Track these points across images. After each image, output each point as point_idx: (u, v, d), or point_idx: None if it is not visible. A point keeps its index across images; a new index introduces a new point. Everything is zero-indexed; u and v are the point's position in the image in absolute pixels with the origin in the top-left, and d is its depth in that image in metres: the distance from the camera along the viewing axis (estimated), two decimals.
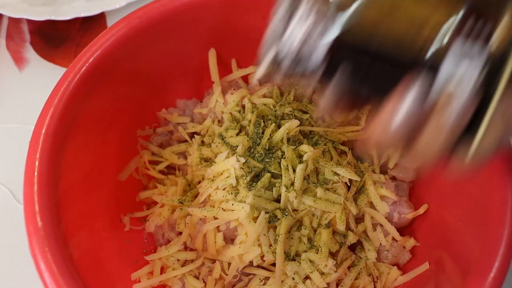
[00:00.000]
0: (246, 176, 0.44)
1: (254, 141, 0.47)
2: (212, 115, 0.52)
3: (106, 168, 0.49)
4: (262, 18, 0.51)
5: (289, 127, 0.46)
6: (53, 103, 0.43)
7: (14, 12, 0.60)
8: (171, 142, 0.53)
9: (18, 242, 0.52)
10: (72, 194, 0.44)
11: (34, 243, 0.39)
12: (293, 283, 0.44)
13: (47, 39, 0.64)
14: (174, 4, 0.48)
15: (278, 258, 0.43)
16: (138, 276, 0.47)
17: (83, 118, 0.46)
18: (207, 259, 0.47)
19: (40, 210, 0.40)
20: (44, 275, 0.38)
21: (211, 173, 0.46)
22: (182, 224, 0.48)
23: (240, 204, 0.43)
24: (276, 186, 0.44)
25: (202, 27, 0.51)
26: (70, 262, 0.40)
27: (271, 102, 0.50)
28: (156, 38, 0.49)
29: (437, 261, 0.45)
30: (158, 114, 0.54)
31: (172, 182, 0.51)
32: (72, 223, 0.43)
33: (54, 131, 0.42)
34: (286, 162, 0.45)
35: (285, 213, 0.44)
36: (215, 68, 0.53)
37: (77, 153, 0.45)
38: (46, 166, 0.41)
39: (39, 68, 0.62)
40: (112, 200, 0.49)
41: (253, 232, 0.43)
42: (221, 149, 0.47)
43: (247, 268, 0.45)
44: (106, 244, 0.47)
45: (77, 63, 0.45)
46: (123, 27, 0.47)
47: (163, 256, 0.47)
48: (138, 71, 0.50)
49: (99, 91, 0.47)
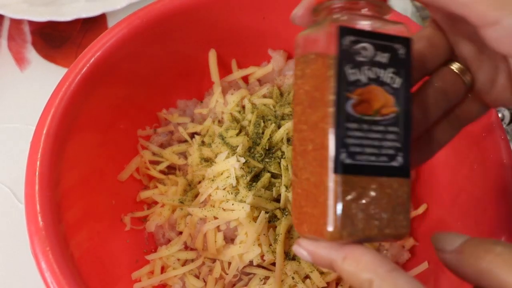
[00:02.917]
0: (246, 176, 0.44)
1: (254, 141, 0.47)
2: (212, 115, 0.52)
3: (107, 168, 0.49)
4: (262, 18, 0.52)
5: (289, 127, 0.46)
6: (54, 103, 0.43)
7: (15, 13, 0.60)
8: (172, 142, 0.54)
9: (20, 242, 0.52)
10: (73, 194, 0.44)
11: (35, 243, 0.39)
12: (293, 282, 0.44)
13: (48, 40, 0.64)
14: (174, 5, 0.48)
15: (278, 257, 0.43)
16: (138, 276, 0.47)
17: (84, 118, 0.46)
18: (208, 258, 0.47)
19: (41, 210, 0.40)
20: (45, 274, 0.38)
21: (211, 173, 0.46)
22: (182, 224, 0.48)
23: (240, 204, 0.44)
24: (276, 186, 0.45)
25: (203, 28, 0.51)
26: (71, 261, 0.40)
27: (271, 102, 0.50)
28: (157, 38, 0.49)
29: (437, 260, 0.45)
30: (159, 114, 0.54)
31: (173, 182, 0.51)
32: (73, 223, 0.43)
33: (55, 131, 0.43)
34: (286, 162, 0.45)
35: (285, 213, 0.44)
36: (215, 69, 0.53)
37: (78, 153, 0.46)
38: (47, 166, 0.42)
39: (40, 69, 0.62)
40: (113, 200, 0.49)
41: (253, 231, 0.43)
42: (221, 149, 0.47)
43: (247, 267, 0.45)
44: (107, 244, 0.47)
45: (78, 63, 0.45)
46: (123, 28, 0.47)
47: (164, 256, 0.48)
48: (138, 71, 0.50)
49: (100, 91, 0.47)
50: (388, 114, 0.28)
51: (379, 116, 0.27)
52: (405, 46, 0.28)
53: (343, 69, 0.27)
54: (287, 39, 0.53)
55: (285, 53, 0.54)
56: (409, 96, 0.28)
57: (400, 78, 0.28)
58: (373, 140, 0.27)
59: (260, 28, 0.52)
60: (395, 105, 0.28)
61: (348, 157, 0.27)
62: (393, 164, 0.28)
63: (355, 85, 0.27)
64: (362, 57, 0.27)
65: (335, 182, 0.27)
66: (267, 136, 0.47)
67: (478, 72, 0.31)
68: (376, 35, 0.28)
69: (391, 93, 0.28)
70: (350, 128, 0.27)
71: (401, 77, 0.28)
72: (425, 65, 0.31)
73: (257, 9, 0.51)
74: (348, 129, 0.27)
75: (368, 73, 0.27)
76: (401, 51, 0.28)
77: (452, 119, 0.32)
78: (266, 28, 0.52)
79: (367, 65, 0.27)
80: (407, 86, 0.28)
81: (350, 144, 0.27)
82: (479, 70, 0.31)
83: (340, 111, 0.27)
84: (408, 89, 0.28)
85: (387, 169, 0.27)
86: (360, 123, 0.27)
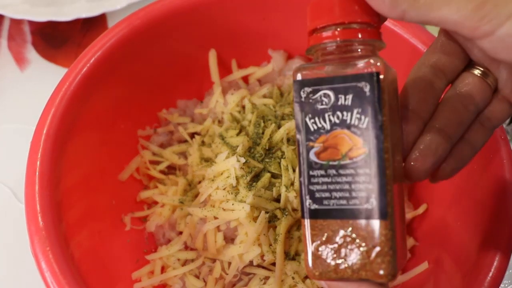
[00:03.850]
0: (246, 176, 0.44)
1: (254, 141, 0.47)
2: (212, 115, 0.52)
3: (107, 168, 0.49)
4: (262, 19, 0.52)
5: (289, 128, 0.46)
6: (54, 103, 0.43)
7: (15, 13, 0.60)
8: (172, 142, 0.54)
9: (20, 242, 0.52)
10: (73, 194, 0.44)
11: (35, 243, 0.39)
12: (293, 282, 0.44)
13: (48, 40, 0.64)
14: (174, 5, 0.48)
15: (278, 257, 0.43)
16: (139, 275, 0.47)
17: (84, 118, 0.46)
18: (208, 258, 0.47)
19: (42, 210, 0.40)
20: (45, 274, 0.38)
21: (212, 173, 0.46)
22: (182, 224, 0.48)
23: (240, 204, 0.44)
24: (276, 186, 0.45)
25: (203, 28, 0.51)
26: (71, 261, 0.40)
27: (271, 102, 0.50)
28: (157, 38, 0.49)
29: (436, 260, 0.45)
30: (159, 114, 0.54)
31: (173, 182, 0.51)
32: (73, 223, 0.43)
33: (55, 131, 0.43)
34: (286, 162, 0.45)
35: (285, 213, 0.44)
36: (215, 69, 0.53)
37: (78, 153, 0.46)
38: (47, 166, 0.42)
39: (40, 69, 0.62)
40: (113, 200, 0.49)
41: (253, 231, 0.43)
42: (221, 149, 0.47)
43: (247, 267, 0.45)
44: (107, 244, 0.47)
45: (78, 63, 0.45)
46: (124, 28, 0.47)
47: (164, 256, 0.48)
48: (139, 71, 0.50)
49: (100, 91, 0.47)
50: (357, 156, 0.27)
51: (348, 159, 0.27)
52: (370, 82, 0.27)
53: (304, 119, 0.28)
54: (287, 39, 0.53)
55: (285, 53, 0.54)
56: (380, 133, 0.27)
57: (368, 117, 0.27)
58: (342, 184, 0.28)
59: (260, 28, 0.52)
60: (364, 146, 0.27)
61: (314, 202, 0.28)
62: (366, 207, 0.27)
63: (317, 133, 0.28)
64: (323, 104, 0.28)
65: (304, 226, 0.28)
66: (267, 136, 0.47)
67: (497, 73, 0.31)
68: (336, 79, 0.28)
69: (359, 134, 0.27)
70: (314, 175, 0.28)
71: (368, 116, 0.27)
72: (444, 74, 0.32)
73: (257, 9, 0.51)
74: (312, 177, 0.28)
75: (331, 119, 0.28)
76: (366, 88, 0.27)
77: (484, 121, 0.32)
78: (266, 28, 0.52)
79: (329, 111, 0.28)
80: (376, 123, 0.27)
81: (315, 190, 0.28)
82: (498, 70, 0.31)
83: (303, 160, 0.28)
84: (378, 125, 0.27)
85: (360, 212, 0.27)
86: (326, 169, 0.28)
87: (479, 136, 0.32)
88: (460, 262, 0.42)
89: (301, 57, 0.54)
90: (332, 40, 0.28)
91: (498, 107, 0.32)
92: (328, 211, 0.28)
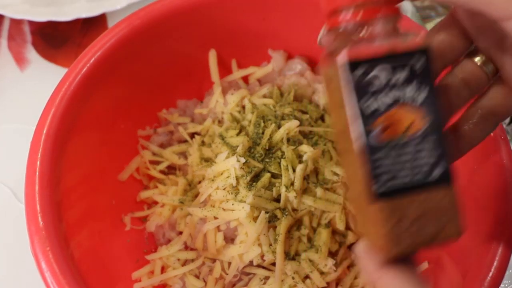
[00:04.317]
0: (246, 176, 0.44)
1: (254, 141, 0.47)
2: (212, 115, 0.52)
3: (107, 168, 0.49)
4: (262, 19, 0.52)
5: (289, 128, 0.46)
6: (54, 103, 0.43)
7: (15, 13, 0.60)
8: (172, 142, 0.54)
9: (20, 242, 0.52)
10: (73, 194, 0.44)
11: (35, 243, 0.39)
12: (293, 282, 0.44)
13: (48, 40, 0.64)
14: (174, 5, 0.48)
15: (278, 257, 0.43)
16: (139, 276, 0.47)
17: (84, 118, 0.46)
18: (208, 258, 0.47)
19: (42, 210, 0.40)
20: (45, 274, 0.38)
21: (212, 173, 0.46)
22: (182, 224, 0.48)
23: (240, 204, 0.44)
24: (276, 186, 0.45)
25: (203, 28, 0.51)
26: (71, 261, 0.40)
27: (271, 102, 0.50)
28: (157, 38, 0.49)
29: (436, 260, 0.45)
30: (159, 114, 0.54)
31: (173, 182, 0.51)
32: (73, 223, 0.43)
33: (55, 131, 0.43)
34: (286, 162, 0.45)
35: (285, 213, 0.44)
36: (215, 69, 0.53)
37: (78, 153, 0.46)
38: (47, 166, 0.42)
39: (40, 69, 0.62)
40: (113, 200, 0.49)
41: (253, 231, 0.43)
42: (221, 149, 0.47)
43: (247, 267, 0.45)
44: (107, 244, 0.47)
45: (78, 63, 0.45)
46: (124, 28, 0.47)
47: (164, 256, 0.48)
48: (138, 71, 0.50)
49: (100, 91, 0.47)
50: (417, 131, 0.27)
51: (407, 136, 0.27)
52: (421, 58, 0.27)
53: (357, 104, 0.26)
54: (287, 39, 0.53)
55: (285, 53, 0.54)
56: (437, 104, 0.27)
57: (423, 91, 0.27)
58: (403, 163, 0.27)
59: (260, 28, 0.52)
60: (423, 120, 0.27)
61: (380, 186, 0.27)
62: (431, 179, 0.27)
63: (374, 116, 0.27)
64: (376, 86, 0.27)
65: (373, 212, 0.27)
66: (267, 136, 0.47)
67: (503, 62, 0.31)
68: (387, 58, 0.27)
69: (416, 109, 0.27)
70: (376, 159, 0.27)
71: (423, 90, 0.27)
72: (444, 57, 0.31)
73: (257, 10, 0.51)
74: (375, 161, 0.27)
75: (385, 100, 0.27)
76: (418, 64, 0.27)
77: (487, 115, 0.32)
78: (266, 28, 0.52)
79: (383, 92, 0.27)
80: (431, 95, 0.27)
81: (379, 173, 0.27)
82: (504, 59, 0.30)
83: (363, 146, 0.27)
84: (433, 96, 0.27)
85: (425, 185, 0.27)
86: (388, 149, 0.27)
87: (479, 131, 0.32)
88: (460, 262, 0.42)
89: (301, 57, 0.54)
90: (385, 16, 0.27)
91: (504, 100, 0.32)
92: (395, 191, 0.27)
